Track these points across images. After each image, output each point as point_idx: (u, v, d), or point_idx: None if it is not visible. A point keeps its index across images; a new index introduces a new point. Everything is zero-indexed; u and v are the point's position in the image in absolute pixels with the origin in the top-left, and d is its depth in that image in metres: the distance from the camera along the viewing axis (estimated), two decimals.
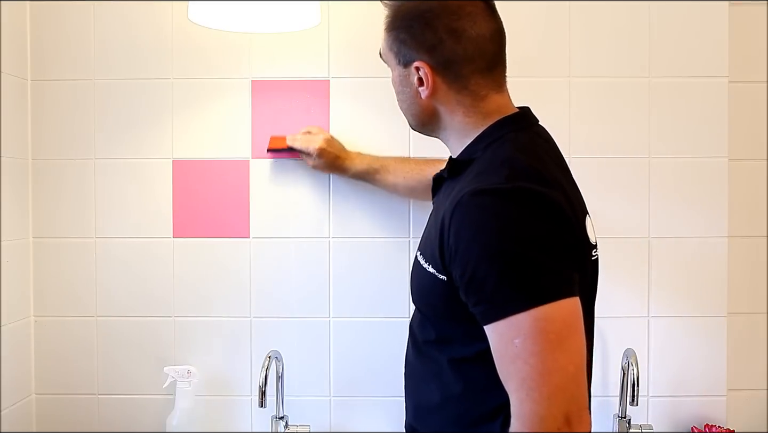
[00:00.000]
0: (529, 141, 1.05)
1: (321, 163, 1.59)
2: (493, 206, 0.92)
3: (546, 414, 0.86)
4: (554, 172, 1.00)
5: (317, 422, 1.67)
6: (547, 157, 1.04)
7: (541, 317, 0.88)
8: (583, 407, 0.89)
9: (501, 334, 0.90)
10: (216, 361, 1.67)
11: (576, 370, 0.88)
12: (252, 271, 1.67)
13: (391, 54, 1.10)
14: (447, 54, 1.04)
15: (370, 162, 1.59)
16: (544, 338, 0.87)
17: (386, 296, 1.66)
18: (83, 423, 1.68)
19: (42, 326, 1.68)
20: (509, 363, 0.89)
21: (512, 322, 0.88)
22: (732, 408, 1.66)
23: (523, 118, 1.10)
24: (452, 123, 1.09)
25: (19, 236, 1.64)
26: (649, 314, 1.65)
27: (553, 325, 0.88)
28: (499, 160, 0.99)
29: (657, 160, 1.65)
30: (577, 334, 0.90)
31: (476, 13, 1.04)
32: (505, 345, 0.90)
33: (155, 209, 1.67)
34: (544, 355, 0.87)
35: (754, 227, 1.71)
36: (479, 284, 0.92)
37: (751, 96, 1.70)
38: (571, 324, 0.90)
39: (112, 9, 1.66)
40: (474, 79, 1.05)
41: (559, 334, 0.88)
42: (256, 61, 1.66)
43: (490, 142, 1.05)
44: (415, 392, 1.14)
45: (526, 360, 0.87)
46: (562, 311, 0.89)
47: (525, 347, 0.87)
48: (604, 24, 1.64)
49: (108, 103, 1.67)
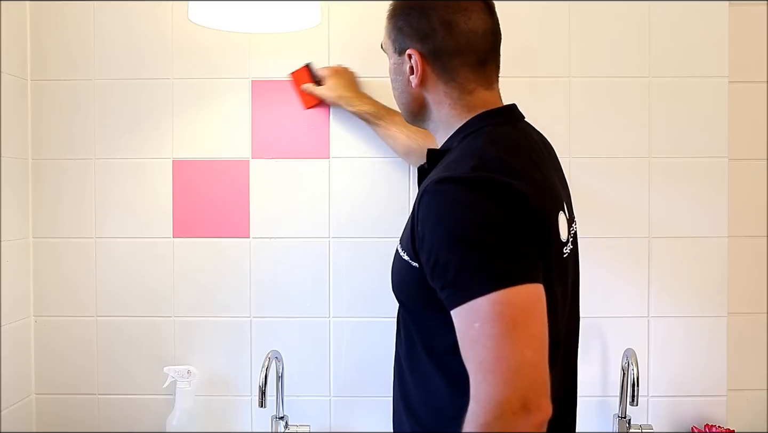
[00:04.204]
0: (504, 135, 1.06)
1: (333, 87, 1.59)
2: (456, 193, 0.94)
3: (501, 398, 0.85)
4: (525, 166, 1.01)
5: (317, 422, 1.67)
6: (521, 151, 1.04)
7: (498, 300, 0.88)
8: (541, 393, 0.87)
9: (462, 318, 0.91)
10: (216, 361, 1.67)
11: (534, 354, 0.87)
12: (252, 271, 1.67)
13: (389, 42, 1.13)
14: (438, 44, 1.06)
15: (379, 107, 1.59)
16: (501, 322, 0.87)
17: (386, 296, 1.64)
18: (83, 423, 1.68)
19: (42, 326, 1.69)
20: (469, 347, 0.90)
21: (472, 306, 0.89)
22: (732, 408, 1.66)
23: (505, 112, 1.11)
24: (439, 114, 1.11)
25: (19, 236, 1.64)
26: (649, 314, 1.65)
27: (511, 309, 0.88)
28: (470, 152, 1.01)
29: (657, 160, 1.65)
30: (537, 319, 0.90)
31: (472, 9, 1.07)
32: (466, 329, 0.90)
33: (155, 209, 1.67)
34: (500, 339, 0.87)
35: (754, 227, 1.71)
36: (442, 270, 0.93)
37: (751, 96, 1.70)
38: (530, 309, 0.90)
39: (112, 9, 1.66)
40: (463, 73, 1.07)
41: (515, 318, 0.88)
42: (256, 61, 1.66)
43: (467, 134, 1.07)
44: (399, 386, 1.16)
45: (484, 343, 0.87)
46: (521, 295, 0.89)
47: (483, 331, 0.88)
48: (604, 24, 1.64)
49: (108, 103, 1.67)
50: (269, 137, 1.66)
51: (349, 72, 1.64)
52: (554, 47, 1.65)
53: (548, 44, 1.65)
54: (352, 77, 1.63)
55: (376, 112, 1.58)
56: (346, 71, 1.63)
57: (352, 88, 1.61)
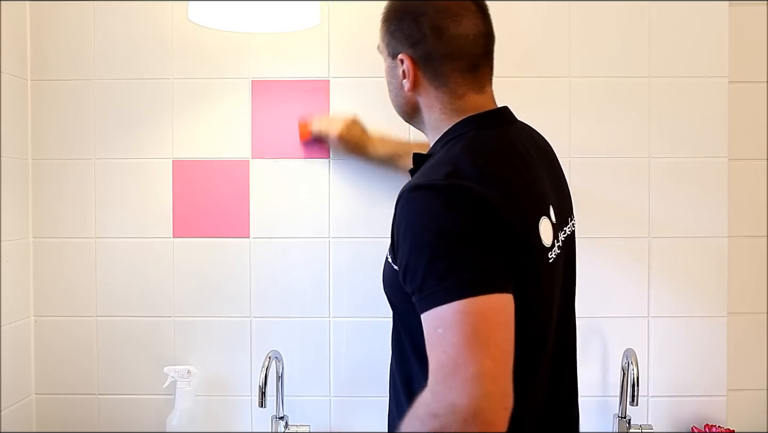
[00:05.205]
0: (486, 140, 1.04)
1: (341, 148, 1.61)
2: (424, 201, 0.95)
3: (456, 402, 0.84)
4: (503, 173, 1.00)
5: (317, 422, 1.67)
6: (502, 157, 1.03)
7: (460, 310, 0.88)
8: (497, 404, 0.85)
9: (428, 323, 0.91)
10: (216, 361, 1.67)
11: (494, 365, 0.86)
12: (252, 271, 1.67)
13: (383, 45, 1.14)
14: (428, 50, 1.06)
15: (394, 148, 1.59)
16: (462, 330, 0.87)
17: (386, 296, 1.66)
18: (83, 423, 1.68)
19: (42, 326, 1.69)
20: (431, 349, 0.90)
21: (436, 312, 0.90)
22: (732, 408, 1.66)
23: (492, 116, 1.09)
24: (430, 118, 1.11)
25: (19, 236, 1.64)
26: (649, 314, 1.65)
27: (472, 318, 0.88)
28: (447, 158, 1.01)
29: (657, 160, 1.65)
30: (500, 330, 0.89)
31: (463, 14, 1.06)
32: (430, 333, 0.91)
33: (155, 209, 1.67)
34: (460, 347, 0.86)
35: (754, 227, 1.71)
36: (412, 275, 0.94)
37: (751, 96, 1.70)
38: (492, 319, 0.89)
39: (112, 9, 1.66)
40: (454, 78, 1.07)
41: (475, 328, 0.87)
42: (256, 61, 1.66)
43: (449, 139, 1.07)
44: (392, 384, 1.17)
45: (445, 349, 0.87)
46: (484, 305, 0.88)
47: (445, 337, 0.88)
48: (604, 24, 1.64)
49: (108, 103, 1.67)
50: (269, 137, 1.66)
51: (353, 124, 1.61)
52: (554, 47, 1.65)
53: (548, 44, 1.65)
54: (356, 127, 1.61)
55: (391, 155, 1.58)
56: (351, 126, 1.60)
57: (362, 141, 1.60)
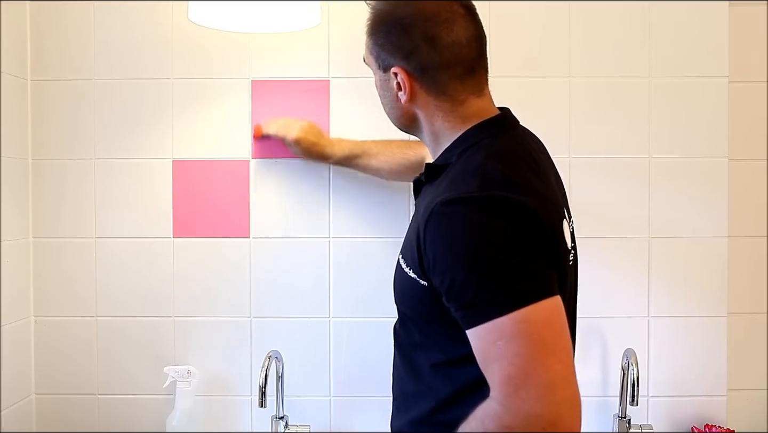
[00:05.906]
0: (504, 147, 1.04)
1: (299, 151, 1.59)
2: (465, 215, 0.93)
3: (533, 412, 0.85)
4: (528, 179, 1.00)
5: (317, 422, 1.67)
6: (521, 162, 1.03)
7: (521, 319, 0.88)
8: (573, 408, 0.87)
9: (482, 337, 0.90)
10: (216, 361, 1.67)
11: (563, 368, 0.88)
12: (252, 271, 1.67)
13: (372, 58, 1.10)
14: (423, 61, 1.04)
15: (351, 148, 1.58)
16: (527, 340, 0.88)
17: (386, 296, 1.63)
18: (83, 423, 1.68)
19: (42, 326, 1.68)
20: (493, 363, 0.89)
21: (493, 326, 0.89)
22: (732, 408, 1.66)
23: (500, 122, 1.09)
24: (432, 127, 1.09)
25: (19, 236, 1.64)
26: (649, 314, 1.65)
27: (535, 326, 0.88)
28: (472, 169, 0.99)
29: (657, 160, 1.65)
30: (561, 333, 0.90)
31: (453, 19, 1.03)
32: (487, 348, 0.90)
33: (155, 209, 1.67)
34: (529, 357, 0.87)
35: (754, 227, 1.71)
36: (458, 291, 0.93)
37: (751, 96, 1.70)
38: (553, 324, 0.90)
39: (112, 9, 1.66)
40: (452, 85, 1.05)
41: (541, 335, 0.88)
42: (256, 61, 1.66)
43: (465, 147, 1.04)
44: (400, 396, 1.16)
45: (511, 361, 0.87)
46: (543, 312, 0.89)
47: (509, 349, 0.88)
48: (604, 24, 1.64)
49: (108, 103, 1.67)
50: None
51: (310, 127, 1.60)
52: (554, 47, 1.64)
53: (548, 44, 1.64)
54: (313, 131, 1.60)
55: (349, 155, 1.58)
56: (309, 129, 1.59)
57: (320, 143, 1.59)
